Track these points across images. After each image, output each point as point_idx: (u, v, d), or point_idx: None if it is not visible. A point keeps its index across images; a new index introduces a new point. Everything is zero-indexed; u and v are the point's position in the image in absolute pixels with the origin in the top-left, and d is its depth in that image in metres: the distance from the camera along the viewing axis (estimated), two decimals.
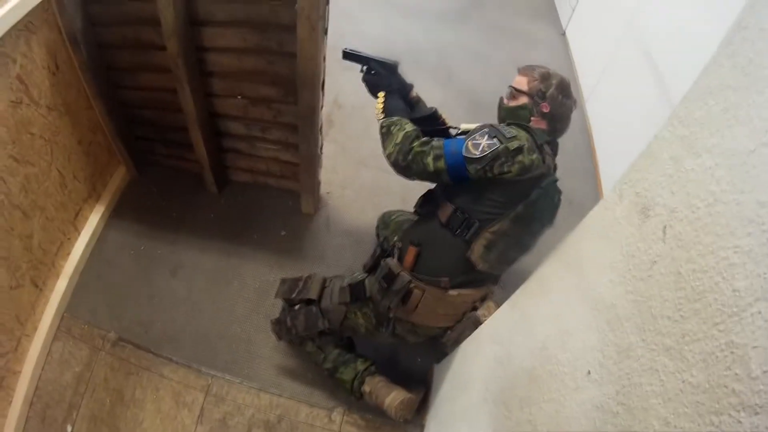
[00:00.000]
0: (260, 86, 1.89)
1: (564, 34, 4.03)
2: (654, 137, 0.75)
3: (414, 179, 1.49)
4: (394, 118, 1.53)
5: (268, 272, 2.15)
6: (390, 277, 1.53)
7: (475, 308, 1.54)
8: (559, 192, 1.51)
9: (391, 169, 1.50)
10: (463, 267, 1.49)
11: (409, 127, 1.49)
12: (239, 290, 2.09)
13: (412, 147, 1.43)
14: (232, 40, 1.75)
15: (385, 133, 1.52)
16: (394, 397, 1.65)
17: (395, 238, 1.71)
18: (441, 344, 1.67)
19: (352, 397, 1.75)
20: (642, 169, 0.77)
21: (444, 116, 1.74)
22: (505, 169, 1.35)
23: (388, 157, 1.48)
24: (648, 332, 0.65)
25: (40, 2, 1.59)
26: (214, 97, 1.98)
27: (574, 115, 1.57)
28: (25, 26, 1.58)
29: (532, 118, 1.51)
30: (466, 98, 3.15)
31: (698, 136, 0.65)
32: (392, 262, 1.56)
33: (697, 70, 0.68)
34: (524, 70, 1.56)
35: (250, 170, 2.36)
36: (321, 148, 2.10)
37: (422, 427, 1.76)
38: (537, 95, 1.50)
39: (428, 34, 3.78)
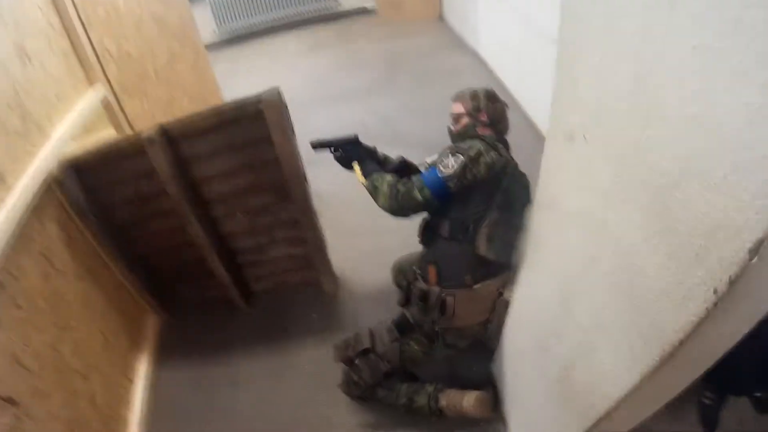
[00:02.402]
0: (254, 197, 2.20)
1: (477, 53, 4.82)
2: None
3: (410, 215, 1.77)
4: (374, 176, 1.82)
5: (314, 353, 2.34)
6: (424, 296, 1.78)
7: (501, 294, 1.77)
8: (524, 174, 1.81)
9: (381, 230, 1.76)
10: (477, 263, 1.74)
11: (389, 177, 1.79)
12: (296, 378, 2.28)
13: (398, 189, 1.72)
14: (220, 166, 2.08)
15: (373, 190, 1.80)
16: (468, 398, 1.83)
17: (414, 267, 1.97)
18: (487, 341, 1.88)
19: (433, 418, 1.91)
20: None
21: (410, 161, 2.07)
22: (475, 172, 1.65)
23: (383, 207, 1.76)
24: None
25: (41, 183, 1.81)
26: (219, 221, 2.28)
27: (512, 114, 1.91)
28: (34, 207, 1.76)
29: (477, 130, 1.84)
30: (420, 147, 3.50)
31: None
32: (420, 284, 1.82)
33: None
34: (456, 98, 1.92)
35: (269, 275, 2.60)
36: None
37: (504, 421, 1.91)
38: (473, 111, 1.84)
39: (366, 108, 4.30)
